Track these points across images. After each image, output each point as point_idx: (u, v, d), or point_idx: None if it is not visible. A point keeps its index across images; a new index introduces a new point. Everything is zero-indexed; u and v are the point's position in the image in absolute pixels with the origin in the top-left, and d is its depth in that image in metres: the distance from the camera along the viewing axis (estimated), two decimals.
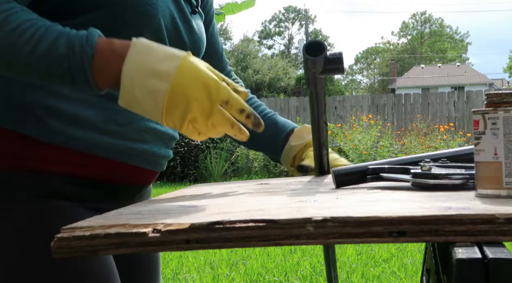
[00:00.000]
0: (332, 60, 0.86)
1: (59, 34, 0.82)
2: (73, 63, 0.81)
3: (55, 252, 0.54)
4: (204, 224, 0.53)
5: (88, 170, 0.98)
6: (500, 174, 0.64)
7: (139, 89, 0.78)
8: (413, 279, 3.51)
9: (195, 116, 0.78)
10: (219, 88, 0.78)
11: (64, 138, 0.95)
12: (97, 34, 0.83)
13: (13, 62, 0.83)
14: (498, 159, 0.64)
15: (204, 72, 0.79)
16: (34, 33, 0.82)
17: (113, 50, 0.81)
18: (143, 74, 0.78)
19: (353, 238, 0.52)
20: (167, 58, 0.79)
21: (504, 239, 0.50)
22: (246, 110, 0.80)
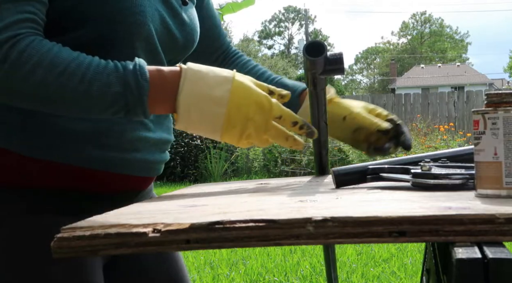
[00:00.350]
0: (332, 60, 0.86)
1: (109, 71, 0.83)
2: (130, 100, 0.83)
3: (55, 252, 0.54)
4: (204, 224, 0.53)
5: (81, 183, 0.96)
6: (500, 174, 0.64)
7: (197, 115, 0.83)
8: (413, 279, 3.51)
9: (251, 133, 0.84)
10: (272, 105, 0.84)
11: (54, 152, 0.93)
12: (145, 64, 0.85)
13: (64, 104, 0.84)
14: (498, 159, 0.64)
15: (255, 91, 0.84)
16: (84, 73, 0.82)
17: (166, 81, 0.85)
18: (199, 101, 0.83)
19: (353, 238, 0.52)
20: (219, 83, 0.84)
21: (504, 239, 0.50)
22: (299, 122, 0.85)
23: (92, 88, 0.82)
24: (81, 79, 0.82)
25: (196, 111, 0.83)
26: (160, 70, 0.85)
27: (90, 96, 0.83)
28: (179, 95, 0.83)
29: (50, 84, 0.81)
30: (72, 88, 0.82)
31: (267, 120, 0.83)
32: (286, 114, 0.84)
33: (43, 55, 0.81)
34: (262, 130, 0.84)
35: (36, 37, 0.83)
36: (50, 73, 0.81)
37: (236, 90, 0.83)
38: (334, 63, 0.86)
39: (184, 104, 0.83)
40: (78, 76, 0.82)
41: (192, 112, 0.83)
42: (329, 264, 1.27)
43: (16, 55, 0.80)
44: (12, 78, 0.81)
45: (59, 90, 0.82)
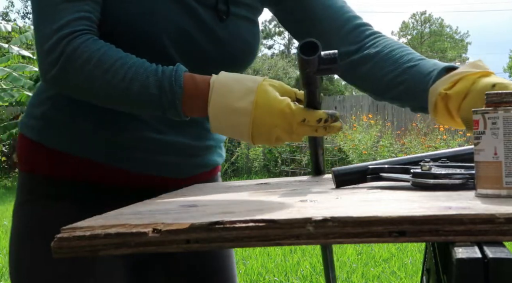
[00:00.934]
0: (326, 60, 0.86)
1: (148, 73, 0.90)
2: (165, 102, 0.90)
3: (55, 252, 0.54)
4: (204, 224, 0.53)
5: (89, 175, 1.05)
6: (500, 174, 0.64)
7: (226, 125, 0.89)
8: (413, 279, 3.51)
9: (279, 136, 0.89)
10: (293, 111, 0.87)
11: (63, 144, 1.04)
12: (182, 71, 0.91)
13: (109, 99, 0.93)
14: (498, 159, 0.64)
15: (277, 100, 0.87)
16: (126, 72, 0.90)
17: (198, 89, 0.90)
18: (226, 113, 0.88)
19: (353, 238, 0.52)
20: (244, 94, 0.88)
21: (504, 238, 0.50)
22: (323, 117, 0.87)
23: (132, 87, 0.90)
24: (123, 77, 0.90)
25: (225, 121, 0.89)
26: (194, 78, 0.91)
27: (130, 94, 0.90)
28: (209, 106, 0.89)
29: (96, 79, 0.90)
30: (114, 85, 0.90)
31: (291, 125, 0.87)
32: (309, 116, 0.87)
33: (93, 53, 0.90)
34: (289, 133, 0.88)
35: (91, 36, 0.92)
36: (97, 69, 0.90)
37: (259, 100, 0.87)
38: (328, 63, 0.86)
39: (213, 115, 0.89)
40: (121, 75, 0.90)
41: (221, 122, 0.89)
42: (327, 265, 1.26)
43: (71, 51, 0.90)
44: (66, 72, 0.91)
45: (104, 86, 0.90)
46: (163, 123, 1.05)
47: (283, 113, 0.87)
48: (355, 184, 0.89)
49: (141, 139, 1.04)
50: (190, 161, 1.12)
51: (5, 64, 9.90)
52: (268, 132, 0.88)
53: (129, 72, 0.90)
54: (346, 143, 9.51)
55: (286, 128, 0.87)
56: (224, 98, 0.88)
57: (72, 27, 0.91)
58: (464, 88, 0.91)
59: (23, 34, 10.05)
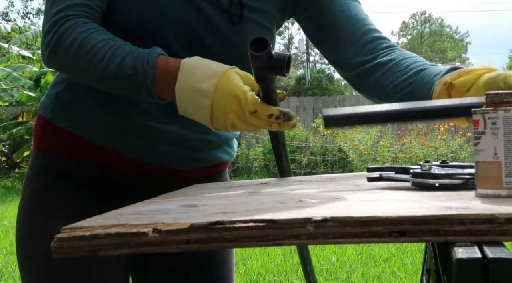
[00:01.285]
0: (276, 59, 0.85)
1: (126, 54, 0.94)
2: (138, 82, 0.93)
3: (55, 252, 0.54)
4: (204, 224, 0.53)
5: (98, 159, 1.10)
6: (500, 174, 0.64)
7: (189, 106, 0.91)
8: (413, 279, 3.51)
9: (234, 122, 0.89)
10: (247, 100, 0.87)
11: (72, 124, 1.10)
12: (157, 53, 0.93)
13: (91, 78, 0.98)
14: (498, 159, 0.64)
15: (237, 86, 0.89)
16: (106, 53, 0.94)
17: (169, 71, 0.92)
18: (189, 93, 0.90)
19: (353, 238, 0.52)
20: (208, 77, 0.90)
21: (504, 239, 0.50)
22: (275, 113, 0.88)
23: (109, 67, 0.94)
24: (103, 57, 0.94)
25: (189, 102, 0.90)
26: (167, 60, 0.93)
27: (107, 74, 0.94)
28: (176, 86, 0.91)
29: (80, 59, 0.95)
30: (95, 64, 0.94)
31: (244, 113, 0.88)
32: (260, 108, 0.87)
33: (80, 34, 0.95)
34: (243, 121, 0.89)
35: (84, 19, 0.97)
36: (81, 49, 0.95)
37: (221, 84, 0.89)
38: (276, 62, 0.85)
39: (179, 95, 0.91)
40: (101, 55, 0.94)
41: (186, 103, 0.91)
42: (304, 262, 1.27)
43: (62, 32, 0.97)
44: (55, 52, 0.97)
45: (86, 66, 0.95)
46: (164, 113, 1.08)
47: (238, 99, 0.88)
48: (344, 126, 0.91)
49: (141, 126, 1.08)
50: (189, 153, 1.13)
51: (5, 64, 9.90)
52: (224, 117, 0.89)
53: (108, 52, 0.94)
54: (346, 143, 9.51)
55: (240, 115, 0.88)
56: (189, 79, 0.91)
57: (68, 11, 0.97)
58: (469, 80, 0.92)
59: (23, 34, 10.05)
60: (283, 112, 0.88)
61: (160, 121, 1.08)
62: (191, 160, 1.15)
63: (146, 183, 1.13)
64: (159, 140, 1.09)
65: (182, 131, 1.10)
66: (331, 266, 3.86)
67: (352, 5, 1.17)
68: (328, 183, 0.98)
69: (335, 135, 9.88)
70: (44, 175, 1.12)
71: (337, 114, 0.91)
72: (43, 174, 1.12)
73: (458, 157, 8.76)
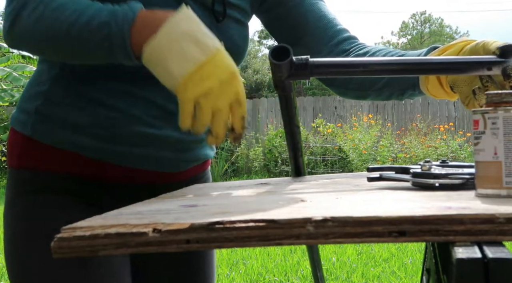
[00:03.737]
0: (298, 65, 0.86)
1: (102, 7, 0.86)
2: (113, 28, 0.83)
3: (55, 252, 0.54)
4: (204, 224, 0.53)
5: (84, 170, 1.04)
6: (500, 174, 0.64)
7: (170, 48, 0.80)
8: (413, 279, 3.51)
9: (209, 93, 0.80)
10: (241, 84, 0.82)
11: (57, 140, 1.03)
12: (139, 5, 0.86)
13: (57, 38, 0.87)
14: (498, 159, 0.64)
15: (234, 66, 0.83)
16: (76, 8, 0.86)
17: (155, 17, 0.83)
18: (183, 37, 0.80)
19: (353, 238, 0.52)
20: (211, 37, 0.83)
21: (504, 238, 0.50)
22: (244, 122, 0.84)
23: (81, 17, 0.85)
24: (73, 11, 0.86)
25: (173, 45, 0.80)
26: (153, 9, 0.86)
27: (78, 25, 0.85)
28: (165, 23, 0.81)
29: (47, 18, 0.87)
30: (63, 20, 0.86)
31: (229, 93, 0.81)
32: (244, 101, 0.83)
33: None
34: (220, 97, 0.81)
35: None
36: (47, 7, 0.87)
37: (222, 51, 0.83)
38: (299, 68, 0.86)
39: (165, 33, 0.81)
40: (71, 9, 0.86)
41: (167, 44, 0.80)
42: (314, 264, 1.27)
43: None
44: (20, 18, 0.89)
45: (54, 23, 0.86)
46: (157, 118, 1.04)
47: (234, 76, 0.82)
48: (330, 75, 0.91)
49: (135, 134, 1.03)
50: (182, 155, 1.11)
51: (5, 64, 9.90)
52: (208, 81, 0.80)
53: (79, 7, 0.87)
54: (346, 143, 9.51)
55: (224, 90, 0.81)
56: (189, 24, 0.82)
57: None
58: (453, 53, 0.96)
59: None
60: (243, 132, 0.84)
61: (155, 126, 1.04)
62: (185, 162, 1.13)
63: (136, 189, 1.09)
64: (154, 146, 1.06)
65: (176, 134, 1.07)
66: (331, 266, 3.86)
67: (322, 5, 1.18)
68: (328, 183, 0.98)
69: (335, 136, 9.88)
70: (31, 193, 1.03)
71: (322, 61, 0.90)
72: (31, 192, 1.03)
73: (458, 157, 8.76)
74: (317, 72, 0.88)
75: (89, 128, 1.02)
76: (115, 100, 1.01)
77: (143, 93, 1.01)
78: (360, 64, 0.90)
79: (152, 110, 1.02)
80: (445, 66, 0.89)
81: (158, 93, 1.01)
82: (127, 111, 1.01)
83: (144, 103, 1.02)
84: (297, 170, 1.15)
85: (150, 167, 1.08)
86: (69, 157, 1.03)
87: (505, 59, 0.84)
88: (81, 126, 1.02)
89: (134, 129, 1.02)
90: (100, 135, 1.02)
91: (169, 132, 1.05)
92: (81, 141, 1.02)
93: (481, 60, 0.86)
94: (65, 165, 1.04)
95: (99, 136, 1.02)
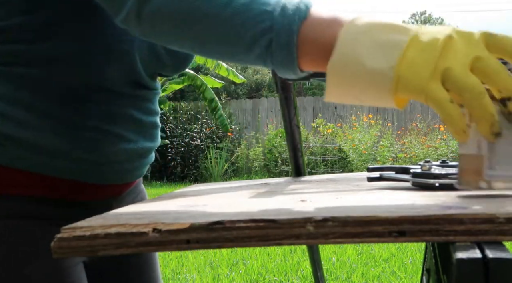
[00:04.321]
0: None
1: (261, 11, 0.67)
2: (278, 21, 0.66)
3: (55, 252, 0.54)
4: (204, 224, 0.53)
5: (55, 192, 0.96)
6: (481, 167, 0.65)
7: (364, 45, 0.61)
8: (413, 279, 3.51)
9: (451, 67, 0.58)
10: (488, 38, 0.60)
11: (27, 164, 0.92)
12: None
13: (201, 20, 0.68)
14: (481, 152, 0.65)
15: None
16: None
17: (334, 16, 0.66)
18: (374, 30, 0.62)
19: (353, 238, 0.52)
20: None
21: (504, 238, 0.50)
22: None
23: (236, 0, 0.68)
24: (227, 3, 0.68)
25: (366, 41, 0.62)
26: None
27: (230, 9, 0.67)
28: (347, 24, 0.64)
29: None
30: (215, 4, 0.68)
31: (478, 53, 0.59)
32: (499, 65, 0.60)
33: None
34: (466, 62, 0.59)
35: None
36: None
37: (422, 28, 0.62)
38: None
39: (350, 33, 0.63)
40: None
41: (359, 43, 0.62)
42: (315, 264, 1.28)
43: None
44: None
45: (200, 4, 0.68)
46: (134, 131, 1.01)
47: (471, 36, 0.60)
48: None
49: (116, 152, 0.98)
50: (146, 161, 1.08)
51: None
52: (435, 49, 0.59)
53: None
54: (346, 143, 9.52)
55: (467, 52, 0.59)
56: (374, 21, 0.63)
57: None
58: None
59: None
60: None
61: (133, 141, 1.01)
62: (145, 167, 1.10)
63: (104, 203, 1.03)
64: (129, 160, 1.02)
65: (149, 144, 1.05)
66: (331, 266, 3.86)
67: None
68: (328, 183, 0.98)
69: (335, 136, 9.88)
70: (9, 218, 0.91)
71: None
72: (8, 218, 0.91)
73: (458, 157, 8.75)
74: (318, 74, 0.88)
75: (68, 152, 0.94)
76: (97, 122, 0.95)
77: (120, 110, 0.98)
78: None
79: (130, 125, 1.00)
80: None
81: (133, 108, 1.00)
82: (110, 131, 0.97)
83: (123, 121, 0.99)
84: (298, 170, 1.15)
85: (123, 180, 1.04)
86: (43, 180, 0.94)
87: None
88: (59, 150, 0.93)
89: (116, 147, 0.98)
90: (82, 158, 0.95)
91: (142, 144, 1.03)
92: (60, 165, 0.94)
93: None
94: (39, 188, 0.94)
95: (81, 158, 0.95)
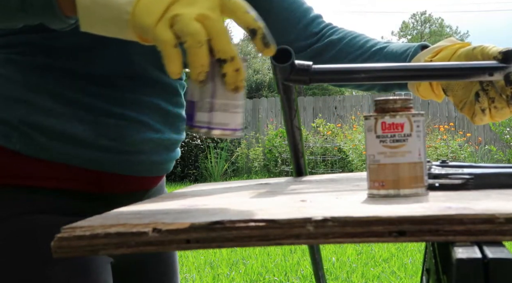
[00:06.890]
0: (299, 70, 0.85)
1: None
2: None
3: (55, 252, 0.54)
4: (204, 224, 0.53)
5: (81, 183, 0.95)
6: (422, 173, 0.68)
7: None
8: (413, 279, 3.51)
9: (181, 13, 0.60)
10: None
11: (53, 153, 0.92)
12: None
13: None
14: (421, 159, 0.67)
15: None
16: None
17: None
18: None
19: (353, 238, 0.52)
20: None
21: (504, 238, 0.50)
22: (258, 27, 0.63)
23: None
24: None
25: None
26: None
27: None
28: None
29: None
30: None
31: None
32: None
33: None
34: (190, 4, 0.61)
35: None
36: None
37: None
38: (300, 73, 0.85)
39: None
40: None
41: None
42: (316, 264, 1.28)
43: None
44: None
45: None
46: (160, 122, 1.01)
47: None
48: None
49: (142, 141, 0.98)
50: (172, 155, 1.08)
51: None
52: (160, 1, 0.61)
53: None
54: (346, 143, 9.52)
55: None
56: None
57: None
58: (446, 56, 0.94)
59: None
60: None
61: (160, 131, 1.00)
62: (171, 162, 1.09)
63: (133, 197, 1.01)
64: (156, 151, 1.01)
65: (175, 136, 1.05)
66: (331, 266, 3.86)
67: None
68: (328, 183, 0.98)
69: (335, 136, 9.88)
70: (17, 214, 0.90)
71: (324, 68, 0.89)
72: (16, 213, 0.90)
73: (458, 157, 8.77)
74: (318, 79, 0.87)
75: (94, 140, 0.93)
76: (122, 109, 0.95)
77: (146, 99, 0.98)
78: (362, 70, 0.90)
79: (156, 115, 1.00)
80: (447, 72, 0.89)
81: (160, 98, 1.00)
82: (135, 118, 0.97)
83: (149, 109, 0.99)
84: (299, 170, 1.15)
85: (151, 173, 1.04)
86: (69, 171, 0.94)
87: (507, 64, 0.85)
88: (84, 138, 0.93)
89: (142, 136, 0.98)
90: (107, 146, 0.95)
91: (170, 135, 1.03)
92: (85, 154, 0.93)
93: (483, 66, 0.86)
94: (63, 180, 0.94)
95: (106, 147, 0.94)
